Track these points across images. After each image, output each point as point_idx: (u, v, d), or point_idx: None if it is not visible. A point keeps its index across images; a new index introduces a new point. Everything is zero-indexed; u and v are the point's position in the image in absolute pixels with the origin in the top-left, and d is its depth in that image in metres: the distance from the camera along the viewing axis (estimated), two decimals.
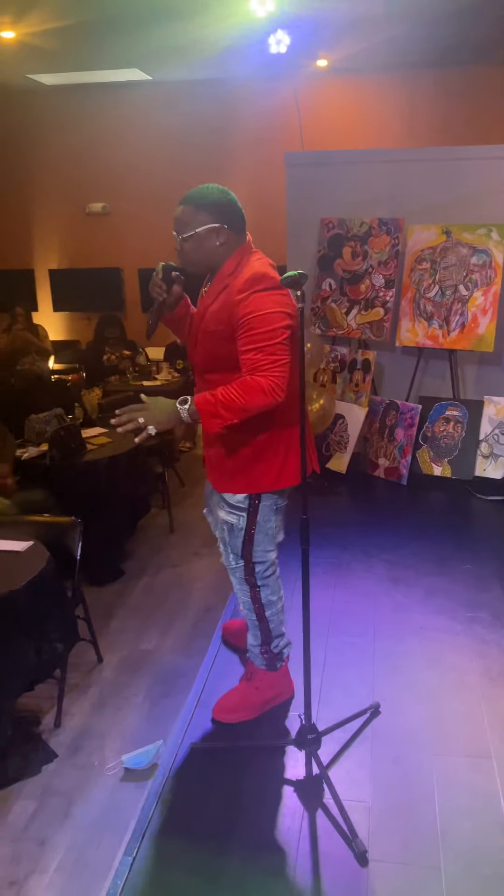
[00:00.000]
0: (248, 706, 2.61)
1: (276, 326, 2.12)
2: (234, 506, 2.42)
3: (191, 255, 2.27)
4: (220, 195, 2.24)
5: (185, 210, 2.22)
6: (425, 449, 5.00)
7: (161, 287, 2.33)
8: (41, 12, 5.48)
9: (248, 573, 2.48)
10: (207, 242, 2.23)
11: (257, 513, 2.40)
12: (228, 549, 2.50)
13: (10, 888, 2.09)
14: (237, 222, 2.26)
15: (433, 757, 2.40)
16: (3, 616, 2.41)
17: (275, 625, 2.56)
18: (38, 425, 4.24)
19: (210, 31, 5.87)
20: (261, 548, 2.45)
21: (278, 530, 2.50)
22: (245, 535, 2.43)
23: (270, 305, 2.12)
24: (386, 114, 7.57)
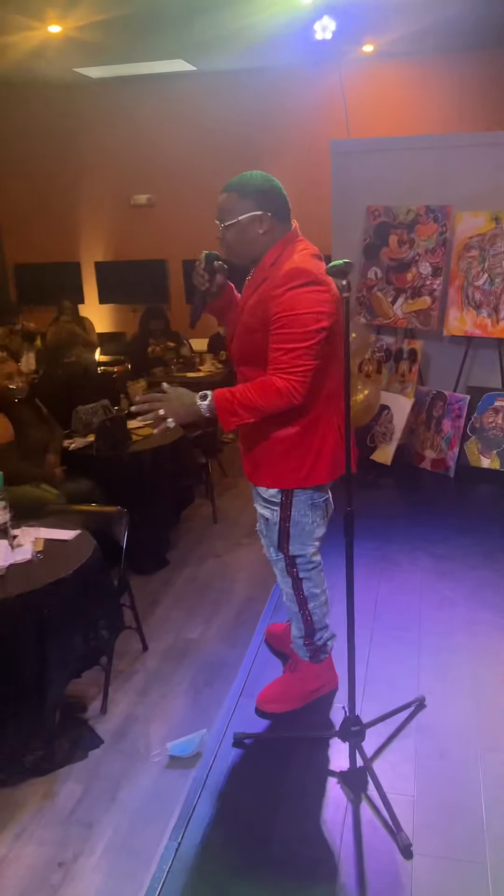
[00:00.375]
0: (291, 697, 2.61)
1: (309, 329, 2.07)
2: (267, 500, 2.40)
3: (233, 244, 2.23)
4: (264, 181, 2.19)
5: (227, 197, 2.18)
6: (473, 440, 4.92)
7: (203, 276, 2.30)
8: (86, 6, 5.52)
9: (288, 566, 2.47)
10: (250, 231, 2.18)
11: (291, 507, 2.36)
12: (268, 542, 2.49)
13: (59, 869, 2.13)
14: (281, 210, 2.21)
15: (480, 752, 2.37)
16: (52, 603, 2.46)
17: (317, 617, 2.54)
18: (85, 416, 4.30)
19: (255, 20, 5.83)
20: (298, 542, 2.41)
21: (317, 526, 2.44)
22: (280, 529, 2.40)
23: (306, 305, 2.07)
24: (434, 98, 7.42)
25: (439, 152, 5.03)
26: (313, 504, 2.39)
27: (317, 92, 7.55)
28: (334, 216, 5.37)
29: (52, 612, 2.46)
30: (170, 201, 8.46)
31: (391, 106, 7.49)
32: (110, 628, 2.76)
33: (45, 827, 2.29)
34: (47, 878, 2.11)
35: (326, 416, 2.28)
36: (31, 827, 2.29)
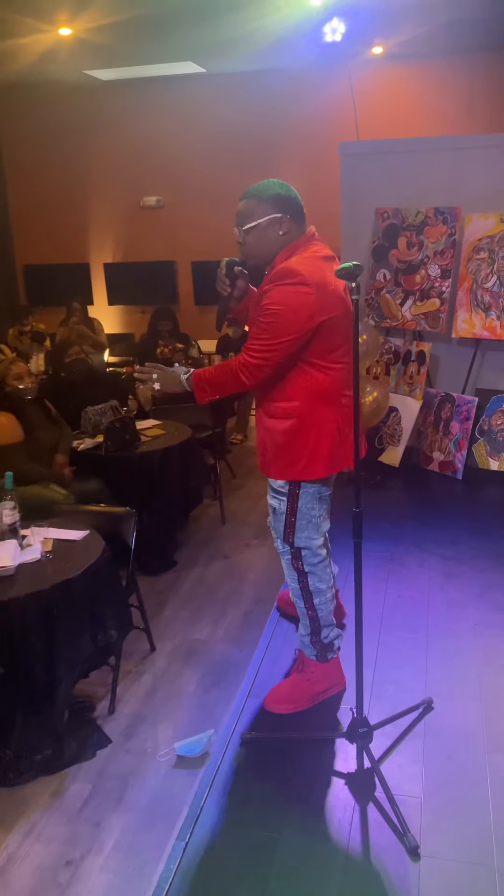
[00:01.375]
0: (299, 697, 2.62)
1: (283, 326, 2.20)
2: (276, 490, 2.47)
3: (254, 247, 2.33)
4: (281, 187, 2.31)
5: (247, 203, 2.30)
6: (482, 443, 4.91)
7: (225, 282, 2.41)
8: (97, 9, 5.55)
9: (294, 558, 2.51)
10: (270, 232, 2.29)
11: (298, 499, 2.42)
12: (275, 532, 2.54)
13: (67, 867, 2.14)
14: (297, 213, 2.32)
15: (488, 754, 2.37)
16: (61, 602, 2.47)
17: (324, 614, 2.56)
18: (94, 417, 4.32)
19: (264, 22, 5.85)
20: (304, 534, 2.46)
21: (322, 519, 2.49)
22: (286, 520, 2.46)
23: (287, 303, 2.19)
24: (443, 100, 7.42)
25: (448, 154, 5.03)
26: (321, 497, 2.45)
27: (326, 94, 7.56)
28: (343, 218, 5.38)
29: (61, 611, 2.47)
30: (179, 203, 8.49)
31: (400, 108, 7.49)
32: (118, 628, 2.77)
33: (53, 826, 2.30)
34: (55, 877, 2.11)
35: (323, 415, 2.34)
36: (40, 825, 2.30)
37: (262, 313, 2.25)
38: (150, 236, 8.65)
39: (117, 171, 8.56)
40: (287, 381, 2.33)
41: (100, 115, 8.39)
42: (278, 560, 3.68)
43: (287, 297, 2.19)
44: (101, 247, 8.89)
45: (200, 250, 8.37)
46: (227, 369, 2.30)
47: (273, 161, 7.91)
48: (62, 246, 8.87)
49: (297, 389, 2.31)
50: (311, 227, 2.37)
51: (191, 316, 8.49)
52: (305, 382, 2.30)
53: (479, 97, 7.30)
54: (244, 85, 7.81)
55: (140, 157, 8.42)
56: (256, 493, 5.21)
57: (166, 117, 8.21)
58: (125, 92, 8.17)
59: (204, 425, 4.87)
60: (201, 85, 7.96)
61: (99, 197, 8.74)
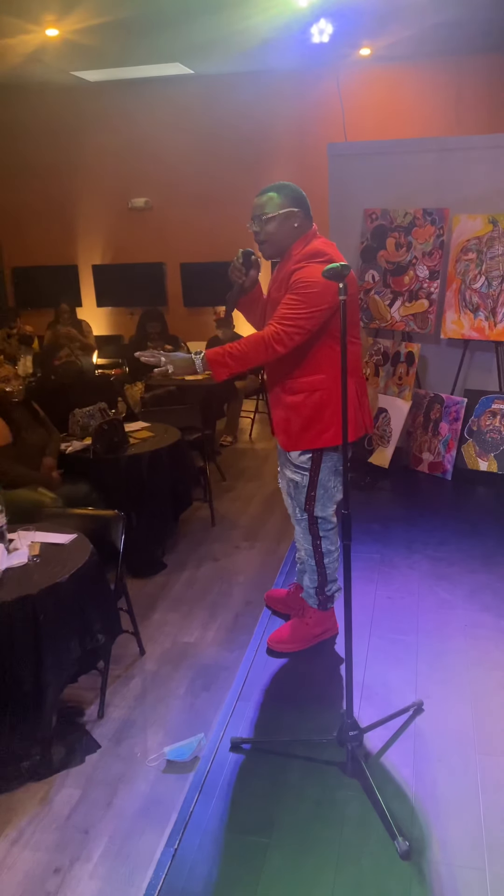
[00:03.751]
0: (299, 638, 2.94)
1: (316, 298, 2.43)
2: (298, 466, 2.72)
3: (271, 234, 2.60)
4: (296, 188, 2.65)
5: (269, 197, 2.60)
6: (471, 443, 4.91)
7: (241, 270, 2.66)
8: (84, 10, 5.53)
9: (311, 524, 2.79)
10: (287, 223, 2.59)
11: (319, 472, 2.70)
12: (294, 503, 2.81)
13: (55, 875, 2.12)
14: (308, 210, 2.65)
15: (478, 756, 2.36)
16: (48, 607, 2.45)
17: (330, 571, 2.86)
18: (81, 419, 4.29)
19: (252, 23, 5.84)
20: (321, 503, 2.75)
21: (337, 490, 2.76)
22: (307, 492, 2.73)
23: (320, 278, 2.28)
24: (431, 102, 7.44)
25: (436, 155, 5.04)
26: (337, 470, 2.72)
27: (314, 95, 7.57)
28: (332, 219, 5.37)
29: (49, 616, 2.45)
30: (167, 204, 8.47)
31: (388, 109, 7.51)
32: (107, 632, 2.75)
33: (41, 832, 2.28)
34: (43, 885, 2.09)
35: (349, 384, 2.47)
36: (28, 832, 2.28)
37: (297, 287, 2.47)
38: (138, 238, 8.63)
39: (105, 173, 8.54)
40: (313, 356, 2.58)
41: (87, 116, 8.36)
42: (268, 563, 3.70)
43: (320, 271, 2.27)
44: (90, 248, 8.86)
45: (189, 252, 8.36)
46: (256, 339, 2.47)
47: (261, 162, 7.91)
48: (50, 248, 8.83)
49: (324, 363, 2.57)
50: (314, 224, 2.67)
51: (180, 318, 8.47)
52: (331, 357, 2.54)
53: (466, 99, 7.33)
54: (232, 86, 7.80)
55: (128, 158, 8.39)
56: (246, 495, 5.19)
57: (154, 118, 8.19)
58: (113, 93, 8.15)
59: (193, 427, 4.85)
60: (189, 86, 7.94)
61: (87, 198, 8.71)
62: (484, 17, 5.92)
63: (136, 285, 8.63)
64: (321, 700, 2.66)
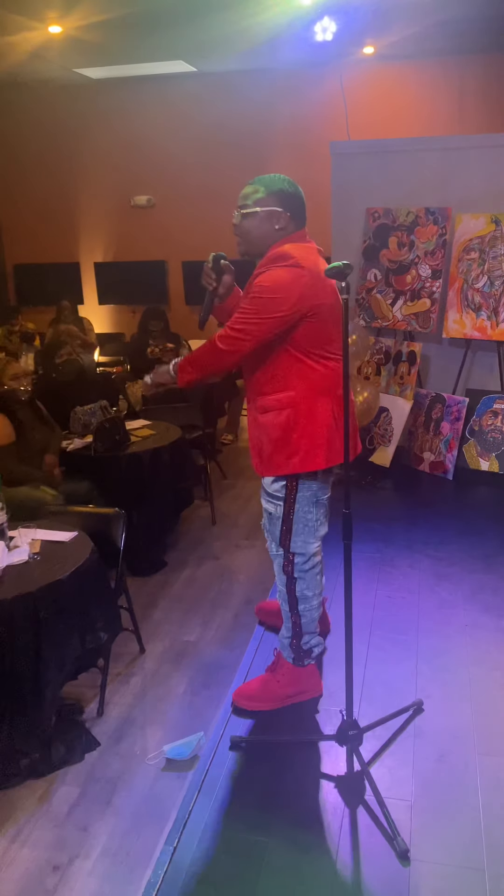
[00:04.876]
0: (268, 697, 2.60)
1: (273, 303, 2.19)
2: (271, 494, 2.44)
3: (248, 233, 2.33)
4: (289, 185, 2.33)
5: (254, 189, 2.32)
6: (472, 443, 4.91)
7: (211, 276, 2.42)
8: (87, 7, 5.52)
9: (286, 562, 2.48)
10: (267, 224, 2.30)
11: (294, 502, 2.39)
12: (270, 536, 2.53)
13: (54, 872, 2.12)
14: (298, 213, 2.34)
15: (478, 756, 2.36)
16: (49, 604, 2.45)
17: (306, 621, 2.54)
18: (83, 417, 4.29)
19: (255, 21, 5.83)
20: (300, 538, 2.44)
21: (320, 524, 2.47)
22: (283, 524, 2.43)
23: (278, 282, 2.19)
24: (434, 101, 7.43)
25: (439, 154, 5.03)
26: (317, 501, 2.42)
27: (317, 93, 7.55)
28: (334, 218, 5.37)
29: (49, 613, 2.45)
30: (170, 202, 8.46)
31: (391, 108, 7.50)
32: (107, 630, 2.75)
33: (40, 830, 2.28)
34: (42, 882, 2.09)
35: (319, 404, 2.31)
36: (27, 830, 2.28)
37: (253, 291, 2.25)
38: (140, 236, 8.62)
39: (108, 170, 8.53)
40: (282, 371, 2.31)
41: (90, 113, 8.35)
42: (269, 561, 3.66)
43: (279, 276, 2.20)
44: (92, 246, 8.85)
45: (191, 250, 8.35)
46: (208, 344, 2.32)
47: (264, 160, 7.90)
48: (52, 245, 8.83)
49: (294, 379, 2.30)
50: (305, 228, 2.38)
51: (181, 316, 8.47)
52: (301, 372, 2.29)
53: (469, 98, 7.32)
54: (235, 84, 7.79)
55: (131, 156, 8.39)
56: (247, 493, 5.19)
57: (157, 116, 8.18)
58: (116, 90, 8.14)
59: (194, 426, 4.85)
60: (192, 84, 7.93)
61: (89, 196, 8.70)
62: (488, 16, 5.90)
63: (137, 283, 8.62)
64: (321, 699, 2.66)
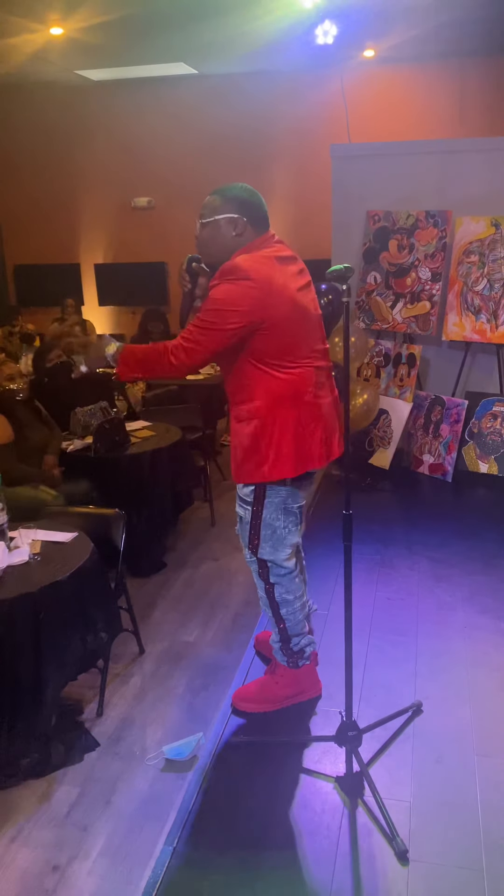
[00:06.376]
0: (267, 698, 2.62)
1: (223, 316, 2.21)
2: (242, 498, 2.46)
3: (207, 243, 2.38)
4: (245, 191, 2.35)
5: (212, 199, 2.36)
6: (471, 445, 4.92)
7: (185, 278, 2.44)
8: (88, 8, 5.54)
9: (260, 568, 2.49)
10: (225, 231, 2.33)
11: (262, 508, 2.40)
12: (242, 542, 2.53)
13: (54, 872, 2.12)
14: (257, 218, 2.35)
15: (476, 758, 2.36)
16: (48, 605, 2.45)
17: (291, 623, 2.54)
18: (83, 418, 4.30)
19: (256, 24, 5.85)
20: (268, 545, 2.44)
21: (289, 532, 2.45)
22: (251, 529, 2.44)
23: (229, 296, 2.21)
24: (435, 104, 7.44)
25: (440, 157, 5.04)
26: (286, 508, 2.42)
27: (318, 96, 7.57)
28: (334, 220, 5.38)
29: (49, 614, 2.45)
30: (170, 204, 8.47)
31: (392, 111, 7.51)
32: (108, 631, 2.75)
33: (39, 830, 2.28)
34: (41, 882, 2.09)
35: (283, 414, 2.31)
36: (26, 830, 2.28)
37: (206, 305, 2.29)
38: (141, 237, 8.63)
39: (109, 172, 8.54)
40: (249, 382, 2.33)
41: (91, 115, 8.36)
42: None
43: (229, 290, 2.22)
44: (92, 247, 8.86)
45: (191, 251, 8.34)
46: (157, 349, 2.31)
47: (264, 163, 7.91)
48: (53, 246, 8.83)
49: (258, 390, 2.31)
50: (270, 230, 2.39)
51: None
52: (265, 383, 2.30)
53: (470, 101, 7.33)
54: (236, 86, 7.80)
55: (131, 157, 8.40)
56: None
57: (158, 118, 8.20)
58: (117, 92, 8.16)
59: (194, 427, 4.85)
60: (193, 86, 7.95)
61: (90, 197, 8.71)
62: (488, 19, 5.92)
63: (138, 285, 8.63)
64: (320, 700, 2.67)
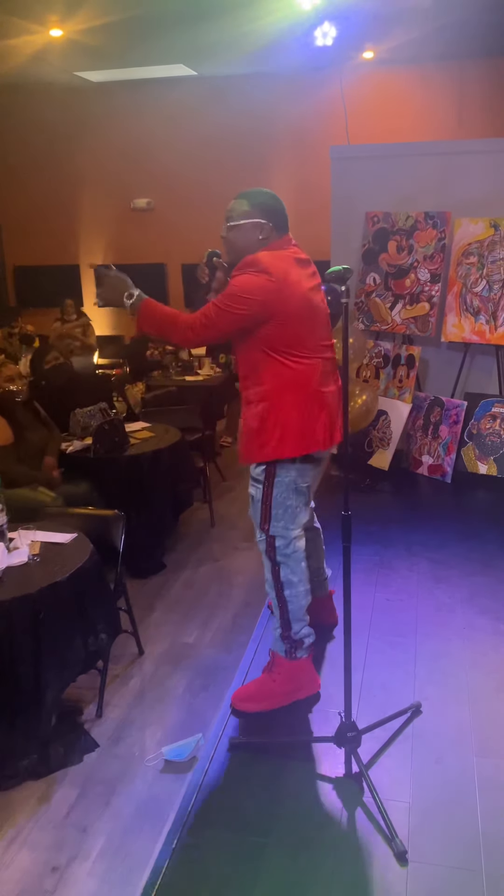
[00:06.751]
0: (266, 696, 2.63)
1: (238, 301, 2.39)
2: (254, 478, 2.60)
3: (234, 243, 2.53)
4: (271, 198, 2.54)
5: (239, 203, 2.52)
6: (470, 446, 4.92)
7: (204, 271, 2.65)
8: (88, 10, 5.55)
9: (269, 547, 2.60)
10: (251, 234, 2.50)
11: (273, 487, 2.55)
12: (253, 521, 2.65)
13: (53, 873, 2.12)
14: (280, 223, 2.53)
15: (475, 758, 2.37)
16: (48, 606, 2.45)
17: (294, 607, 2.60)
18: (82, 419, 4.30)
19: (256, 26, 5.86)
20: (280, 523, 2.56)
21: (299, 511, 2.59)
22: (262, 508, 2.57)
23: (244, 285, 2.39)
24: (434, 105, 7.45)
25: (439, 159, 5.05)
26: (296, 488, 2.55)
27: (317, 98, 7.58)
28: (334, 221, 5.39)
29: (48, 615, 2.45)
30: (169, 205, 8.48)
31: (391, 112, 7.52)
32: (107, 632, 2.75)
33: (39, 831, 2.28)
34: (41, 883, 2.10)
35: (289, 398, 2.48)
36: (26, 831, 2.28)
37: (226, 290, 2.46)
38: (140, 238, 8.64)
39: (108, 173, 8.55)
40: (260, 368, 2.49)
41: (91, 116, 8.37)
42: None
43: (248, 280, 2.39)
44: (92, 248, 8.87)
45: (191, 253, 8.37)
46: (176, 317, 2.48)
47: (264, 164, 7.92)
48: (52, 247, 8.84)
49: (268, 375, 2.48)
50: (288, 234, 2.56)
51: None
52: (275, 370, 2.47)
53: (469, 102, 7.34)
54: (235, 88, 7.81)
55: (131, 159, 8.41)
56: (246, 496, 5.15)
57: (157, 119, 8.20)
58: (116, 94, 8.16)
59: (194, 428, 4.86)
60: (192, 87, 7.96)
61: (90, 199, 8.72)
62: (487, 21, 5.93)
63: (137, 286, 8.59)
64: (319, 701, 2.67)
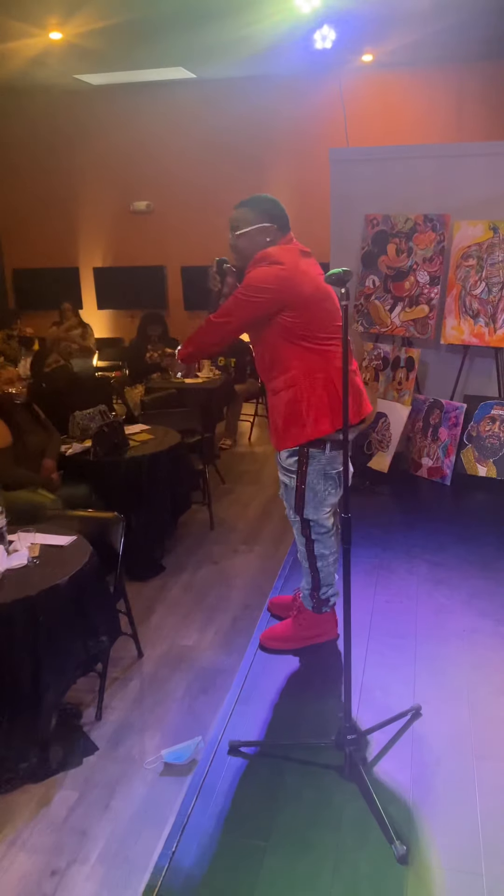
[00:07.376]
0: (292, 638, 2.96)
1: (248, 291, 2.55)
2: (286, 468, 2.74)
3: (243, 249, 2.66)
4: (270, 202, 2.67)
5: (243, 211, 2.65)
6: (470, 449, 4.92)
7: (216, 279, 2.76)
8: (87, 13, 5.55)
9: (303, 527, 2.78)
10: (258, 239, 2.63)
11: (305, 475, 2.69)
12: (287, 505, 2.82)
13: (52, 877, 2.12)
14: (283, 224, 2.67)
15: (476, 760, 2.36)
16: (47, 608, 2.45)
17: (324, 574, 2.85)
18: (82, 421, 4.30)
19: (255, 28, 5.86)
20: (311, 507, 2.72)
21: (329, 494, 2.73)
22: (297, 494, 2.72)
23: (258, 276, 2.54)
24: (433, 108, 7.47)
25: (438, 161, 5.05)
26: (325, 474, 2.69)
27: (316, 100, 7.59)
28: (333, 224, 5.39)
29: (48, 617, 2.45)
30: (169, 208, 8.49)
31: (390, 115, 7.53)
32: (107, 634, 2.75)
33: (38, 834, 2.28)
34: (40, 887, 2.09)
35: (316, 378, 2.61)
36: (25, 834, 2.28)
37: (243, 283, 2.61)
38: (139, 241, 8.64)
39: (107, 176, 8.56)
40: (283, 356, 2.63)
41: (90, 119, 8.38)
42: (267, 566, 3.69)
43: (262, 272, 2.54)
44: (91, 251, 8.88)
45: (190, 255, 8.38)
46: (204, 323, 2.70)
47: (263, 167, 7.94)
48: (52, 250, 8.84)
49: (293, 361, 2.61)
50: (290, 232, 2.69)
51: (180, 321, 8.48)
52: (298, 355, 2.60)
53: (468, 105, 7.36)
54: (234, 91, 7.82)
55: (130, 161, 8.41)
56: (245, 498, 5.20)
57: (157, 122, 8.21)
58: (116, 97, 8.17)
59: (193, 430, 4.86)
60: (192, 90, 7.97)
61: (89, 201, 8.73)
62: (486, 24, 5.94)
63: (136, 288, 8.64)
64: (319, 703, 2.66)
